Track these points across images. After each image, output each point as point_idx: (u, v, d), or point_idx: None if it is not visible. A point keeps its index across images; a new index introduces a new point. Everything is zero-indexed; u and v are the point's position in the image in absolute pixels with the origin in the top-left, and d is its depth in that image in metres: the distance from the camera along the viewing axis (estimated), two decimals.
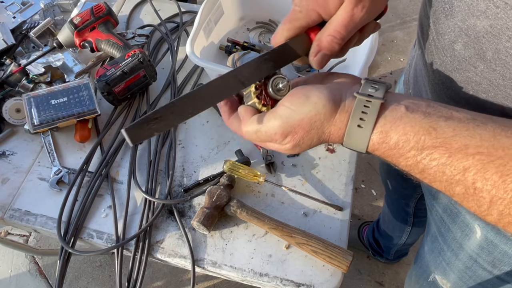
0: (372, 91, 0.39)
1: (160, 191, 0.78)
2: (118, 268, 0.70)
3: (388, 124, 0.38)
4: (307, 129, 0.40)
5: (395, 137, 0.37)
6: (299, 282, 0.68)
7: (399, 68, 2.12)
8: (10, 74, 0.86)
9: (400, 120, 0.37)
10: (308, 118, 0.39)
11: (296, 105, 0.40)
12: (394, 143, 0.37)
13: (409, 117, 0.37)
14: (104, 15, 0.89)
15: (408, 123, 0.37)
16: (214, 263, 0.70)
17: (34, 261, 1.58)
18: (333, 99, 0.39)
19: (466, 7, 0.42)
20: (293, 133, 0.40)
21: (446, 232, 0.71)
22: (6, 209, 0.76)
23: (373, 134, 0.38)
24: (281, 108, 0.41)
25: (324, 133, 0.40)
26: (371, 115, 0.38)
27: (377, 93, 0.39)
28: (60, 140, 0.84)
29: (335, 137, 0.40)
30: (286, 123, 0.40)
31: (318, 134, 0.40)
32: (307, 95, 0.40)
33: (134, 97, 0.89)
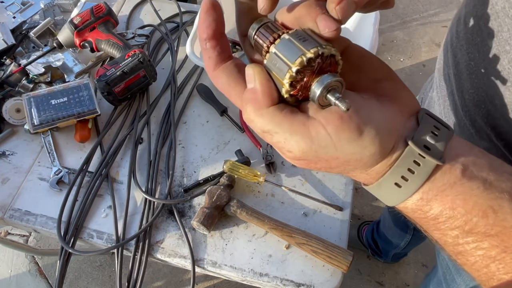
0: (430, 141, 0.28)
1: (160, 191, 0.78)
2: (118, 268, 0.70)
3: (434, 191, 0.28)
4: (333, 166, 0.29)
5: (437, 209, 0.28)
6: (299, 282, 0.68)
7: (399, 68, 2.12)
8: (10, 74, 0.86)
9: (451, 189, 0.28)
10: (345, 160, 0.28)
11: (340, 139, 0.27)
12: (434, 216, 0.29)
13: (464, 187, 0.28)
14: (104, 15, 0.89)
15: (460, 194, 0.28)
16: (214, 263, 0.70)
17: (34, 261, 1.58)
18: (384, 148, 0.28)
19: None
20: (312, 162, 0.29)
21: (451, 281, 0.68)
22: (6, 209, 0.76)
23: (410, 198, 0.29)
24: (318, 128, 0.27)
25: (348, 174, 0.31)
26: (418, 177, 0.28)
27: (436, 146, 0.28)
28: (60, 140, 0.84)
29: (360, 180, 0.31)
30: (314, 152, 0.28)
31: (339, 172, 0.31)
32: (361, 130, 0.27)
33: (134, 97, 0.89)
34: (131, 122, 0.86)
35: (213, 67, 0.30)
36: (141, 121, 0.86)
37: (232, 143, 0.84)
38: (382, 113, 0.28)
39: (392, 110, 0.29)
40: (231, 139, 0.84)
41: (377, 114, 0.28)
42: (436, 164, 0.28)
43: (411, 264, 1.55)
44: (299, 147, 0.28)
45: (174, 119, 0.86)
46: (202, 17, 0.30)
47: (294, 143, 0.28)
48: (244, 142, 0.84)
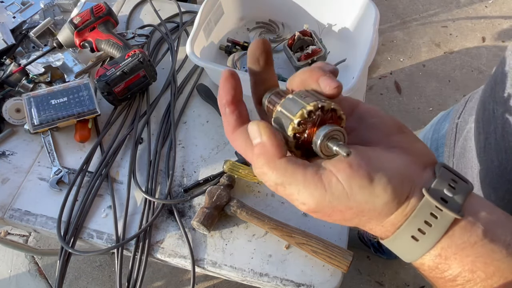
0: (447, 194, 0.27)
1: (160, 191, 0.78)
2: (118, 268, 0.70)
3: (453, 249, 0.27)
4: (347, 218, 0.29)
5: (456, 270, 0.27)
6: (299, 282, 0.68)
7: (399, 68, 2.12)
8: (10, 74, 0.86)
9: (471, 248, 0.26)
10: (358, 210, 0.28)
11: (352, 187, 0.27)
12: (452, 277, 0.27)
13: (486, 248, 0.26)
14: (104, 15, 0.89)
15: (481, 256, 0.26)
16: (214, 263, 0.70)
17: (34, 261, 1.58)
18: (398, 197, 0.27)
19: None
20: (327, 215, 0.29)
21: None
22: (6, 209, 0.76)
23: (427, 255, 0.28)
24: (330, 177, 0.28)
25: (364, 226, 0.30)
26: (436, 229, 0.27)
27: (453, 199, 0.27)
28: (60, 140, 0.84)
29: (376, 234, 0.30)
30: (328, 202, 0.28)
31: (355, 224, 0.30)
32: (371, 176, 0.27)
33: (134, 97, 0.89)
34: (131, 122, 0.86)
35: (231, 130, 0.31)
36: (141, 121, 0.86)
37: None
38: (393, 162, 0.28)
39: (404, 160, 0.29)
40: None
41: (388, 163, 0.28)
42: (454, 218, 0.27)
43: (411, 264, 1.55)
44: (313, 198, 0.28)
45: (174, 119, 0.86)
46: (222, 84, 0.31)
47: (308, 195, 0.28)
48: None
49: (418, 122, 1.94)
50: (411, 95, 2.04)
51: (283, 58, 0.96)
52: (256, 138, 0.29)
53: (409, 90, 2.05)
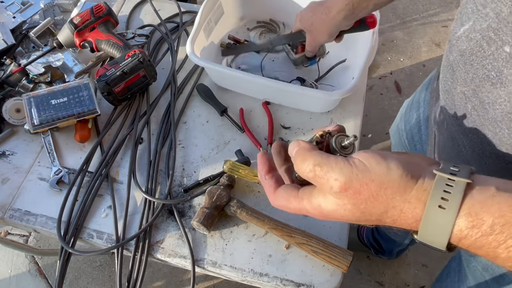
0: (454, 170, 0.33)
1: (160, 191, 0.78)
2: (118, 268, 0.70)
3: (479, 205, 0.31)
4: (375, 194, 0.33)
5: (489, 220, 0.30)
6: (299, 282, 0.68)
7: (399, 68, 2.12)
8: (10, 74, 0.86)
9: (492, 200, 0.30)
10: (379, 181, 0.33)
11: (370, 162, 0.34)
12: (489, 228, 0.30)
13: (503, 196, 0.30)
14: (104, 15, 0.89)
15: (503, 202, 0.30)
16: (214, 263, 0.70)
17: (34, 261, 1.58)
18: (411, 172, 0.33)
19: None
20: (357, 191, 0.34)
21: None
22: (6, 209, 0.76)
23: (459, 218, 0.31)
24: (353, 159, 0.35)
25: (394, 208, 0.33)
26: (455, 194, 0.31)
27: (460, 173, 0.33)
28: (60, 140, 0.84)
29: (408, 217, 0.33)
30: (355, 175, 0.34)
31: (386, 206, 0.34)
32: (384, 156, 0.34)
33: (134, 97, 0.89)
34: (131, 122, 0.86)
35: (273, 191, 0.41)
36: (141, 121, 0.86)
37: (232, 143, 0.84)
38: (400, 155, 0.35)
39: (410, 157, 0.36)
40: (231, 139, 0.84)
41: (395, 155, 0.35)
42: (466, 182, 0.32)
43: (411, 264, 1.55)
44: (343, 173, 0.34)
45: (174, 119, 0.86)
46: (259, 161, 0.44)
47: (339, 170, 0.34)
48: (244, 142, 0.84)
49: None
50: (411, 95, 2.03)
51: (283, 58, 0.96)
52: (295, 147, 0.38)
53: (409, 90, 2.05)
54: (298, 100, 0.85)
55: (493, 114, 0.43)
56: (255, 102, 0.89)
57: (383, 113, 1.97)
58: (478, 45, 0.43)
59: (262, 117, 0.87)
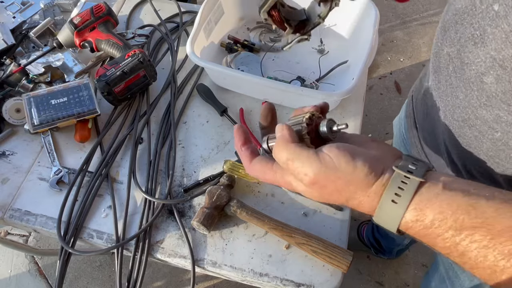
0: (412, 168, 0.37)
1: (160, 191, 0.78)
2: (118, 268, 0.70)
3: (424, 202, 0.35)
4: (339, 189, 0.38)
5: (430, 215, 0.35)
6: (299, 282, 0.68)
7: (399, 68, 2.12)
8: (10, 74, 0.86)
9: (436, 198, 0.35)
10: (346, 180, 0.38)
11: (340, 161, 0.38)
12: (430, 222, 0.35)
13: (447, 195, 0.35)
14: (104, 15, 0.89)
15: (445, 200, 0.35)
16: (214, 263, 0.70)
17: (34, 261, 1.58)
18: (375, 170, 0.37)
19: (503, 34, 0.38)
20: (323, 185, 0.38)
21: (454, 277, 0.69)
22: (6, 209, 0.76)
23: (407, 212, 0.36)
24: (324, 155, 0.38)
25: (354, 199, 0.39)
26: (407, 191, 0.36)
27: (417, 171, 0.37)
28: (60, 140, 0.84)
29: (366, 207, 0.39)
30: (323, 173, 0.38)
31: (348, 197, 0.39)
32: (353, 155, 0.38)
33: (134, 97, 0.89)
34: (131, 122, 0.86)
35: (249, 161, 0.44)
36: (141, 121, 0.86)
37: (232, 143, 0.84)
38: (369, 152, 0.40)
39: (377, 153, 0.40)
40: (231, 139, 0.84)
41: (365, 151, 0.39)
42: (419, 181, 0.36)
43: (411, 264, 1.56)
44: (312, 169, 0.38)
45: (174, 119, 0.86)
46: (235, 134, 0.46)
47: (309, 166, 0.38)
48: None
49: None
50: None
51: (283, 58, 0.96)
52: (279, 132, 0.41)
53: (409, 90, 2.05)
54: (298, 100, 0.85)
55: (469, 74, 0.44)
56: (255, 102, 0.89)
57: (383, 113, 1.97)
58: (472, 3, 0.43)
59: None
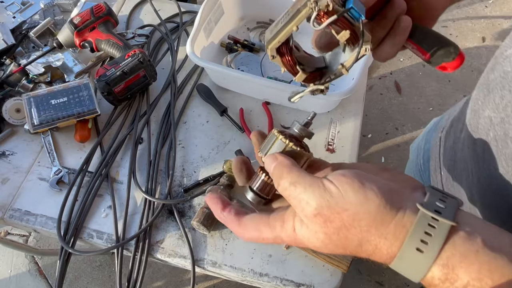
0: (439, 206, 0.30)
1: (160, 191, 0.78)
2: (118, 268, 0.70)
3: (457, 257, 0.28)
4: (347, 224, 0.30)
5: (464, 279, 0.28)
6: (299, 282, 0.68)
7: (399, 68, 2.12)
8: (10, 74, 0.86)
9: (475, 256, 0.28)
10: (354, 211, 0.30)
11: (345, 189, 0.31)
12: (462, 287, 0.28)
13: (489, 256, 0.27)
14: (104, 15, 0.89)
15: (486, 264, 0.27)
16: (214, 263, 0.70)
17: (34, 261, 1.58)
18: (391, 203, 0.30)
19: None
20: (328, 218, 0.31)
21: None
22: (6, 209, 0.76)
23: (435, 265, 0.29)
24: (328, 183, 0.32)
25: (369, 242, 0.30)
26: (436, 238, 0.28)
27: (446, 211, 0.30)
28: (60, 140, 0.84)
29: (383, 254, 0.31)
30: (326, 201, 0.31)
31: (360, 239, 0.31)
32: (361, 182, 0.31)
33: (134, 97, 0.89)
34: (131, 122, 0.86)
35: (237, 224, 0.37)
36: (141, 121, 0.86)
37: (232, 143, 0.84)
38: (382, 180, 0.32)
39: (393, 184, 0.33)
40: (231, 139, 0.84)
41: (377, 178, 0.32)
42: (450, 225, 0.29)
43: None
44: (315, 198, 0.31)
45: (174, 119, 0.86)
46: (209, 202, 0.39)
47: (311, 194, 0.31)
48: (244, 142, 0.84)
49: (418, 122, 1.94)
50: (411, 95, 2.04)
51: None
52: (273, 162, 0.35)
53: (409, 90, 2.05)
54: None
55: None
56: (255, 102, 0.89)
57: (383, 113, 1.97)
58: None
59: (262, 117, 0.87)
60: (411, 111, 1.98)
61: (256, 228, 0.35)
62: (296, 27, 0.37)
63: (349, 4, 0.35)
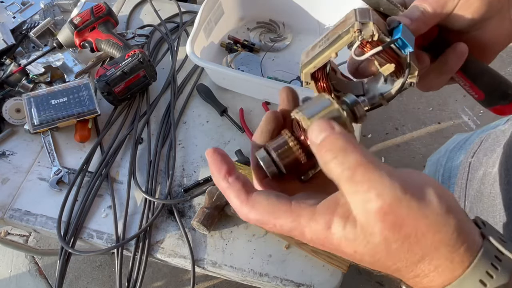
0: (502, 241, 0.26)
1: (160, 191, 0.78)
2: (118, 268, 0.70)
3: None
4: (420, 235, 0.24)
5: None
6: (299, 282, 0.68)
7: None
8: (10, 74, 0.86)
9: None
10: (434, 222, 0.24)
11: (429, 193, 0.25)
12: None
13: None
14: (104, 15, 0.89)
15: None
16: (214, 263, 0.70)
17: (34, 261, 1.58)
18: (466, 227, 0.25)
19: None
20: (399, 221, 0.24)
21: None
22: (6, 209, 0.76)
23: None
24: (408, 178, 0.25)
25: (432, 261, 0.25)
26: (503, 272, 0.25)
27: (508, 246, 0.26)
28: (60, 140, 0.84)
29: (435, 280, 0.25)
30: (405, 201, 0.24)
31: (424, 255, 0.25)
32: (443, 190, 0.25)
33: (134, 97, 0.89)
34: (131, 122, 0.86)
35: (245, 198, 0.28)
36: (141, 121, 0.86)
37: (232, 143, 0.84)
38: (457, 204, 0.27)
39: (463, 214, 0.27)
40: (231, 139, 0.84)
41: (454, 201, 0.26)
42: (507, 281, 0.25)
43: None
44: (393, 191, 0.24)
45: (174, 119, 0.86)
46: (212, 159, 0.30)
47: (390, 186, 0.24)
48: (244, 142, 0.84)
49: (418, 122, 1.94)
50: (411, 95, 2.04)
51: (283, 58, 0.96)
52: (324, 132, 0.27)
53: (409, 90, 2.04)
54: None
55: None
56: (255, 102, 0.89)
57: (383, 113, 1.97)
58: None
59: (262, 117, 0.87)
60: (411, 111, 1.98)
61: (270, 210, 0.28)
62: (335, 53, 0.33)
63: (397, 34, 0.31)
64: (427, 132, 1.89)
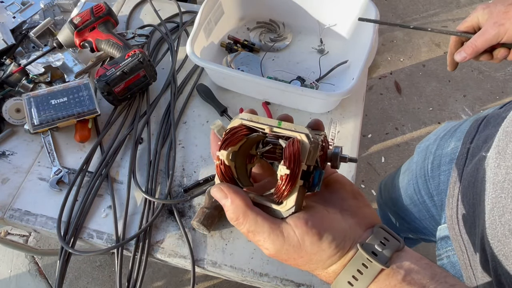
0: (378, 249, 0.35)
1: (160, 191, 0.78)
2: (118, 268, 0.70)
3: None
4: (300, 264, 0.37)
5: None
6: (299, 282, 0.68)
7: (399, 68, 2.12)
8: (10, 74, 0.86)
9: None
10: (308, 258, 0.36)
11: (304, 241, 0.35)
12: None
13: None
14: (104, 15, 0.89)
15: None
16: (214, 263, 0.70)
17: (34, 261, 1.58)
18: (341, 250, 0.35)
19: None
20: (284, 260, 0.37)
21: None
22: (6, 209, 0.76)
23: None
24: (289, 230, 0.35)
25: (313, 271, 0.38)
26: (365, 277, 0.35)
27: (381, 255, 0.35)
28: (60, 140, 0.84)
29: (321, 278, 0.38)
30: (285, 250, 0.35)
31: (306, 269, 0.37)
32: (321, 234, 0.35)
33: (134, 97, 0.89)
34: (131, 122, 0.86)
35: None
36: (141, 121, 0.86)
37: None
38: (341, 223, 0.36)
39: (350, 222, 0.37)
40: None
41: (337, 223, 0.36)
42: (381, 268, 0.34)
43: None
44: (274, 246, 0.35)
45: (174, 119, 0.86)
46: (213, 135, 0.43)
47: (271, 243, 0.35)
48: None
49: (418, 122, 1.94)
50: (411, 95, 2.04)
51: (283, 58, 0.96)
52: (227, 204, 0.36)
53: (409, 90, 2.05)
54: (298, 100, 0.86)
55: None
56: (255, 102, 0.89)
57: (383, 113, 1.97)
58: None
59: None
60: (411, 111, 1.99)
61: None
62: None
63: None
64: (427, 132, 1.89)
